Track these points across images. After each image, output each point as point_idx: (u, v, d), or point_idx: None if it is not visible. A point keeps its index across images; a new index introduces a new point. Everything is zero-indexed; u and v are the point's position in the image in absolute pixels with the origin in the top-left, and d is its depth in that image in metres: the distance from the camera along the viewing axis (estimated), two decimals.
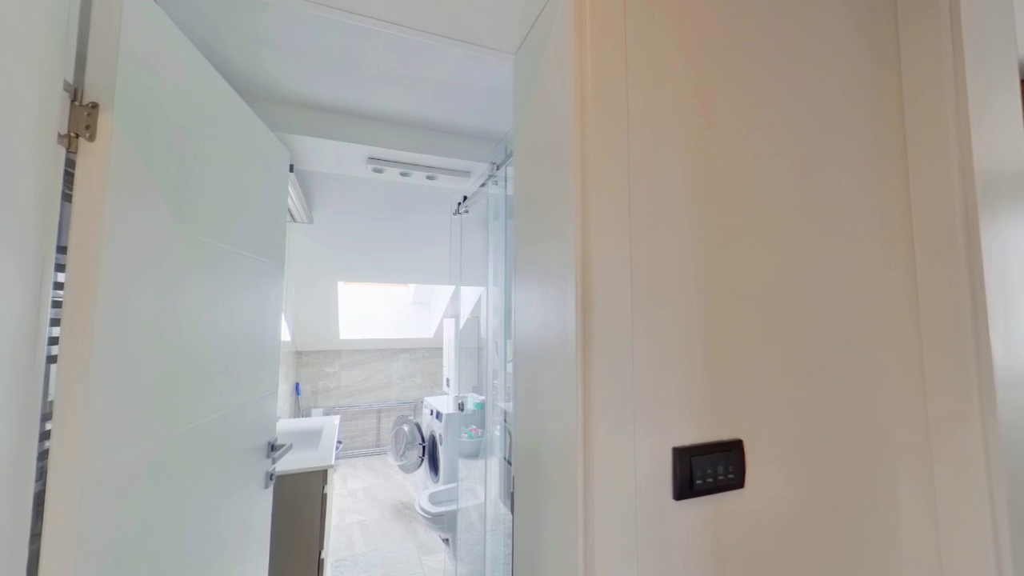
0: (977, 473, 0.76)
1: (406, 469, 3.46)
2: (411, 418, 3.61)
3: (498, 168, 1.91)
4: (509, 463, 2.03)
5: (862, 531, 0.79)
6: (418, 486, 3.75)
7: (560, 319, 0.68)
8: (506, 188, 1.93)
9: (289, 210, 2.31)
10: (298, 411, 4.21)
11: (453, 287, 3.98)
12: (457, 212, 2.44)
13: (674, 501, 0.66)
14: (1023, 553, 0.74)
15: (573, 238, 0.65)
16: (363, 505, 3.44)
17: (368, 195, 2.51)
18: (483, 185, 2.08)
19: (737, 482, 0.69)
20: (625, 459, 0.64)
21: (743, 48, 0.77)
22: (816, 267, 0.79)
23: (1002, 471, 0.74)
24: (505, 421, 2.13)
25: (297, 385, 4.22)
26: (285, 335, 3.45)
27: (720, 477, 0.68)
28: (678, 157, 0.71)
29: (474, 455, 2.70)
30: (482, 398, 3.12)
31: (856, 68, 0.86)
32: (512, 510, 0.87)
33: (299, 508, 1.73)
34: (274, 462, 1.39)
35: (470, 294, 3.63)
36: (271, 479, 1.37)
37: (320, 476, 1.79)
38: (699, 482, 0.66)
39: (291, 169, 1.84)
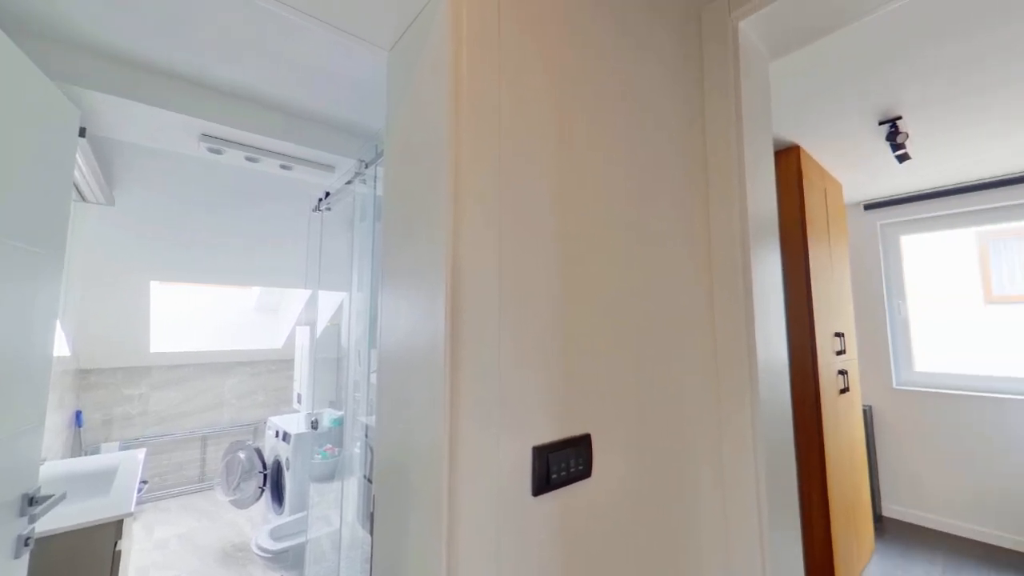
0: (747, 445, 1.00)
1: (241, 504, 2.94)
2: (249, 443, 3.09)
3: (367, 166, 1.81)
4: (369, 481, 1.90)
5: (680, 507, 0.96)
6: (256, 522, 3.22)
7: (429, 324, 0.67)
8: (375, 188, 1.83)
9: (76, 186, 1.79)
10: (80, 447, 3.23)
11: (309, 291, 3.58)
12: (317, 208, 2.21)
13: (532, 497, 0.70)
14: (777, 505, 1.00)
15: (444, 243, 0.65)
16: (176, 557, 2.80)
17: (200, 178, 2.10)
18: (349, 182, 1.94)
19: (585, 472, 0.77)
20: (490, 461, 0.65)
21: (594, 83, 0.88)
22: (648, 282, 0.94)
23: (762, 439, 0.98)
24: (367, 436, 1.99)
25: (78, 414, 3.24)
26: (62, 349, 2.63)
27: (572, 470, 0.75)
28: (541, 171, 0.77)
29: (328, 478, 2.45)
30: (340, 413, 2.86)
31: (677, 122, 1.06)
32: (371, 531, 0.81)
33: (76, 575, 1.32)
34: (32, 521, 1.04)
35: (330, 300, 3.31)
36: (27, 544, 1.02)
37: (111, 529, 1.39)
38: (554, 476, 0.72)
39: (82, 133, 1.43)
